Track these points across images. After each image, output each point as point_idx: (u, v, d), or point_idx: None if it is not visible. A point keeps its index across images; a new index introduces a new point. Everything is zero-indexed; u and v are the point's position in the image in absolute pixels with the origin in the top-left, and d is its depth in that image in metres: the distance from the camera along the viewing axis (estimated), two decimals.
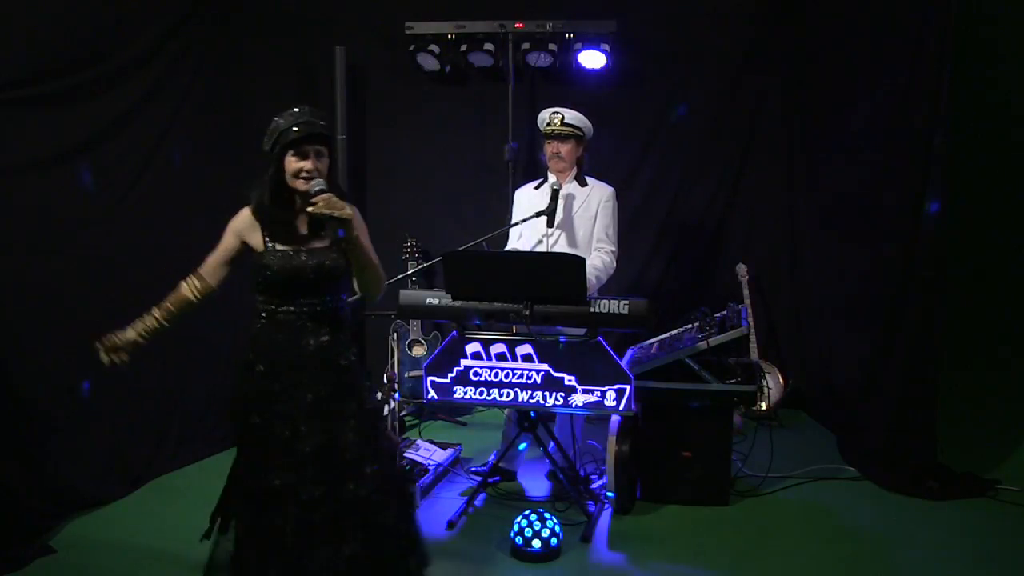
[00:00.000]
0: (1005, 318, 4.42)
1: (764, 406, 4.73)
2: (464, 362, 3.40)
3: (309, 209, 2.26)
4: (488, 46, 4.81)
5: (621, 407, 3.30)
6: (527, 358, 3.36)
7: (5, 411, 3.31)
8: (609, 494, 3.56)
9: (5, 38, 3.30)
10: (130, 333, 2.44)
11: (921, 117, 3.77)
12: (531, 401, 3.37)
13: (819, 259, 4.90)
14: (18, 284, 3.41)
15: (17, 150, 3.40)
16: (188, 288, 2.47)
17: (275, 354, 2.36)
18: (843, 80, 4.55)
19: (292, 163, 2.31)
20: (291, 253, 2.35)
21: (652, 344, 4.01)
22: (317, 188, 2.25)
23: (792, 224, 5.19)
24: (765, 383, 4.65)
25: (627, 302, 3.31)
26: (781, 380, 4.95)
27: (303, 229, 2.39)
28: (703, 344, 3.58)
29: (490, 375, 3.39)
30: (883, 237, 4.11)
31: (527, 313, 3.32)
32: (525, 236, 3.84)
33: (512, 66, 4.82)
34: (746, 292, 4.95)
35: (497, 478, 3.86)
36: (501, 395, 3.39)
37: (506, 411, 3.86)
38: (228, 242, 2.43)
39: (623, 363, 3.41)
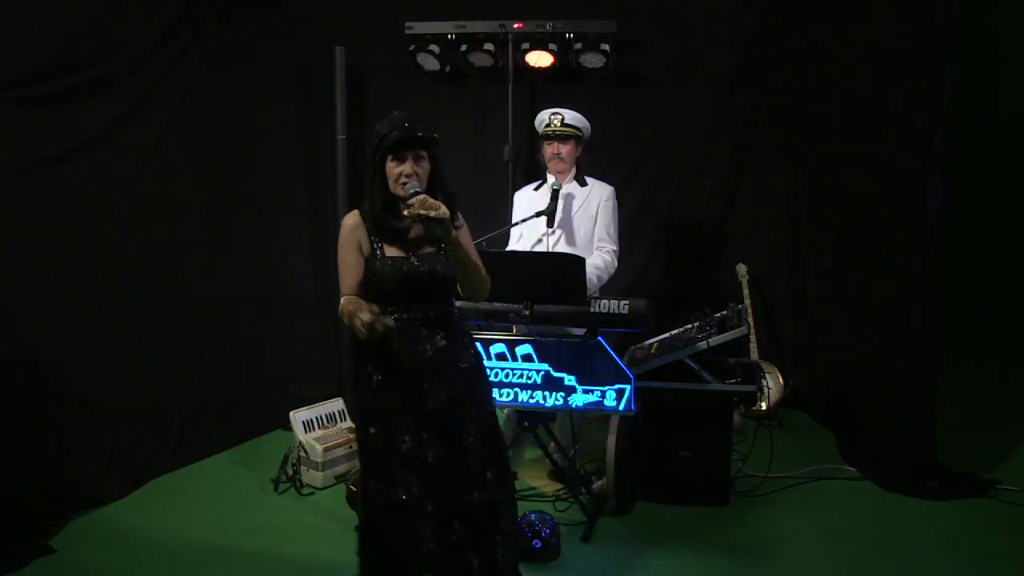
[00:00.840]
0: (1005, 318, 4.42)
1: (764, 406, 4.73)
2: None
3: (405, 212, 2.23)
4: (488, 46, 4.81)
5: (621, 407, 3.30)
6: (527, 358, 3.36)
7: (5, 411, 3.31)
8: (610, 497, 3.56)
9: (5, 38, 3.31)
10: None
11: (921, 117, 3.78)
12: (531, 401, 3.37)
13: (819, 259, 4.90)
14: (18, 283, 3.42)
15: (17, 150, 3.41)
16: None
17: (391, 362, 2.32)
18: (843, 80, 4.55)
19: (392, 168, 2.30)
20: (402, 259, 2.33)
21: (652, 344, 4.01)
22: (412, 191, 2.24)
23: (792, 224, 5.19)
24: (765, 383, 4.65)
25: (627, 302, 3.31)
26: (781, 380, 4.95)
27: (412, 234, 2.35)
28: (703, 344, 3.58)
29: (490, 375, 3.39)
30: (883, 237, 4.11)
31: (527, 313, 3.32)
32: (525, 236, 3.84)
33: (512, 66, 4.82)
34: (746, 292, 4.95)
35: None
36: (501, 395, 3.39)
37: (505, 411, 3.86)
38: (351, 257, 2.32)
39: (623, 363, 3.41)
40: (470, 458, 2.30)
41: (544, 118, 3.80)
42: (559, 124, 3.75)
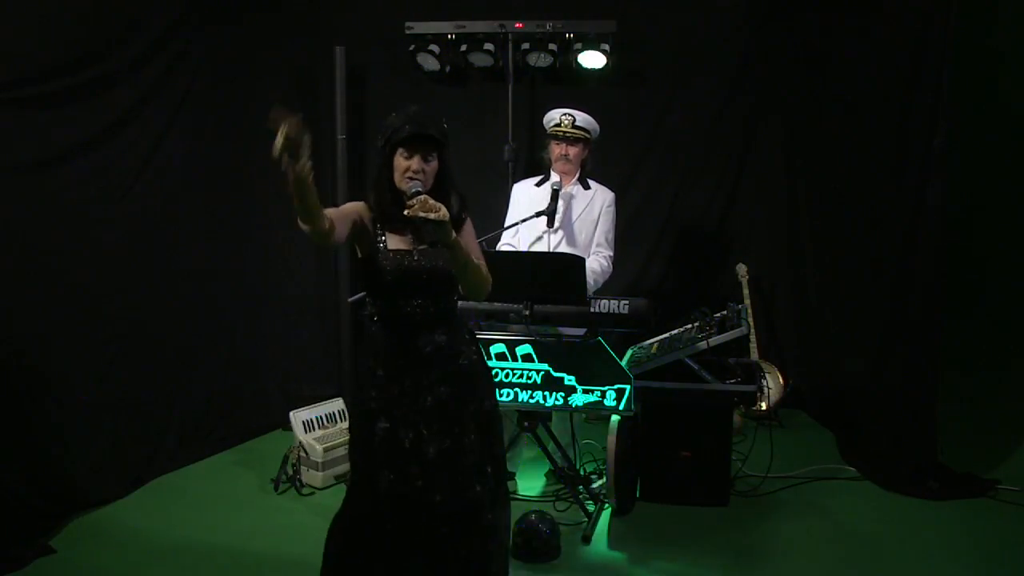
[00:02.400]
0: (1005, 318, 4.42)
1: (764, 406, 4.73)
2: None
3: (405, 212, 2.19)
4: (488, 46, 4.81)
5: (621, 407, 3.30)
6: (527, 358, 3.36)
7: (5, 411, 3.31)
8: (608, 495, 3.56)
9: (5, 38, 3.31)
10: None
11: (920, 117, 3.78)
12: (531, 401, 3.37)
13: (819, 259, 4.90)
14: (18, 284, 3.41)
15: (17, 150, 3.41)
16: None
17: (392, 357, 2.32)
18: (843, 80, 4.55)
19: (400, 162, 2.28)
20: (404, 253, 2.31)
21: (652, 344, 4.01)
22: (413, 190, 2.21)
23: (792, 224, 5.19)
24: (765, 383, 4.65)
25: (627, 302, 3.31)
26: (781, 380, 4.95)
27: (414, 229, 2.33)
28: (703, 344, 3.58)
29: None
30: (883, 237, 4.11)
31: (527, 313, 3.32)
32: (522, 232, 3.83)
33: (512, 66, 4.82)
34: (746, 292, 4.95)
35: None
36: (501, 395, 3.39)
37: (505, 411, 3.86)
38: (349, 209, 2.33)
39: (623, 363, 3.41)
40: (468, 455, 2.30)
41: (555, 117, 3.78)
42: (570, 126, 3.73)
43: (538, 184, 3.91)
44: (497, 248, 3.85)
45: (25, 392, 3.42)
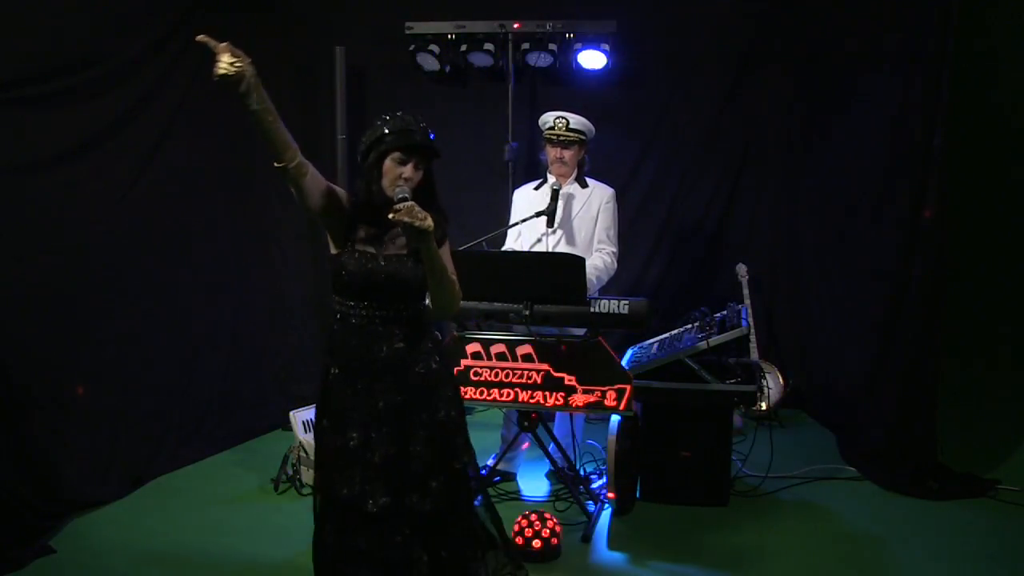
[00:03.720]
0: (1005, 318, 4.42)
1: (764, 406, 4.73)
2: (464, 362, 3.40)
3: (389, 215, 2.15)
4: (488, 46, 4.81)
5: (621, 407, 3.30)
6: (527, 358, 3.36)
7: (5, 411, 3.31)
8: (609, 496, 3.56)
9: (5, 38, 3.30)
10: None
11: (921, 117, 3.78)
12: (531, 401, 3.37)
13: (819, 259, 4.91)
14: (18, 284, 3.42)
15: (17, 150, 3.41)
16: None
17: (349, 358, 2.31)
18: (843, 80, 4.55)
19: (390, 167, 2.25)
20: (369, 257, 2.29)
21: (652, 344, 4.01)
22: (401, 195, 2.19)
23: (792, 224, 5.19)
24: (765, 383, 4.65)
25: (627, 302, 3.32)
26: (781, 380, 4.95)
27: (388, 234, 2.32)
28: (703, 344, 3.58)
29: (490, 375, 3.39)
30: (883, 237, 4.11)
31: (527, 313, 3.32)
32: (524, 235, 3.84)
33: (512, 66, 4.82)
34: (746, 292, 4.95)
35: (497, 478, 3.86)
36: (501, 395, 3.39)
37: (505, 411, 3.86)
38: (332, 187, 2.31)
39: (623, 363, 3.41)
40: (413, 463, 2.29)
41: (548, 121, 3.79)
42: (564, 129, 3.74)
43: (537, 187, 3.92)
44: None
45: (25, 392, 3.42)
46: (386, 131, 2.26)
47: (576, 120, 3.75)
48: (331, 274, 2.32)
